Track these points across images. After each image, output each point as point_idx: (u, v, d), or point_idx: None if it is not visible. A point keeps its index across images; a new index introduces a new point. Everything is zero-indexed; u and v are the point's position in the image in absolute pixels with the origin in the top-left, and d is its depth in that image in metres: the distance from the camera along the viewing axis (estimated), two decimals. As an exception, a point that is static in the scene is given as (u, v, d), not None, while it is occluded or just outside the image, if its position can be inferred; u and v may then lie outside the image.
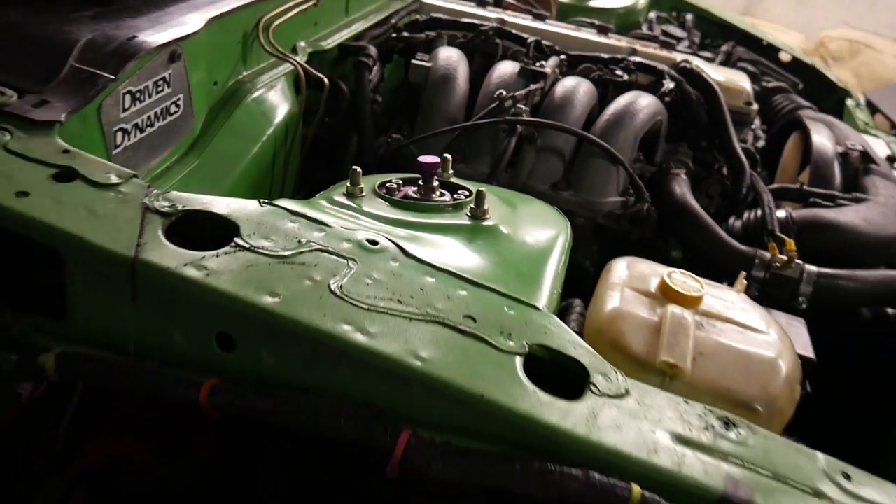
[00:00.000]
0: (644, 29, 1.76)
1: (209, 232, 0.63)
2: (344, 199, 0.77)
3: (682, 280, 0.77)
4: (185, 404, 0.57)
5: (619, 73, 1.24)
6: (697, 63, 1.31)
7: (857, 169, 1.26)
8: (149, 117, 0.83)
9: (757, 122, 1.46)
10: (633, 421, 0.57)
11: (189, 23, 0.89)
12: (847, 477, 0.61)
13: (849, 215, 1.10)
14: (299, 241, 0.63)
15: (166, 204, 0.63)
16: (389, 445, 0.54)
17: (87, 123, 0.75)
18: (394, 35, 1.29)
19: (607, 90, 1.21)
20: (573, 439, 0.54)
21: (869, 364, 1.03)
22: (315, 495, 0.73)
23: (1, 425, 0.79)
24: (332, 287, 0.59)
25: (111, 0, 0.86)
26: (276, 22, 1.05)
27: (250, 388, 0.56)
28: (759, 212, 1.10)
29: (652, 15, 1.81)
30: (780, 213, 1.09)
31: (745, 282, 0.89)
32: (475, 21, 1.32)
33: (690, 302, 0.75)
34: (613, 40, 1.38)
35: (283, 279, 0.59)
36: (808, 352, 0.89)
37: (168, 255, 0.58)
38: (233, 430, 0.72)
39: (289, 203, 0.69)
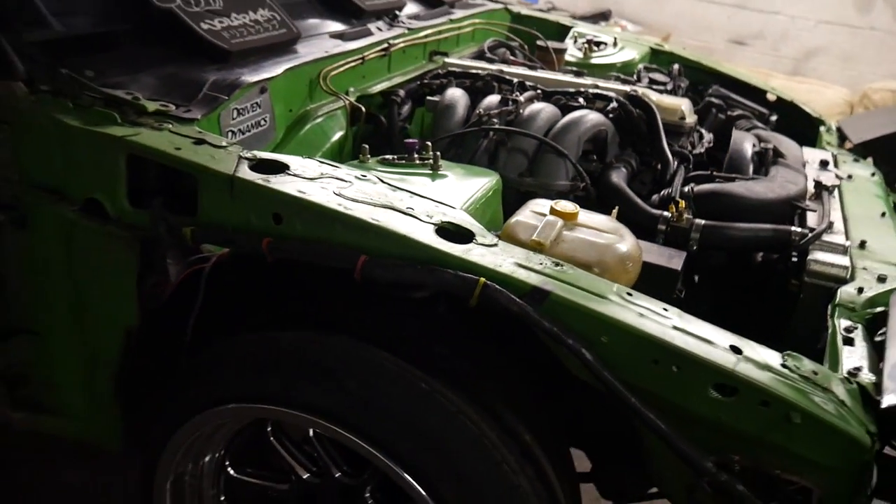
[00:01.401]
0: (635, 78, 2.21)
1: (276, 169, 1.14)
2: (356, 163, 1.28)
3: (565, 204, 1.22)
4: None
5: (580, 100, 1.71)
6: (645, 91, 1.77)
7: (766, 161, 1.67)
8: (248, 125, 1.38)
9: (709, 135, 1.88)
10: (493, 255, 1.02)
11: (273, 71, 1.45)
12: (629, 294, 1.03)
13: (735, 186, 1.51)
14: (322, 174, 1.14)
15: (249, 156, 1.15)
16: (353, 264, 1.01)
17: (212, 124, 1.29)
18: (419, 83, 1.82)
19: (568, 111, 1.68)
20: (455, 259, 1.00)
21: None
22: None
23: (158, 305, 1.30)
24: (336, 191, 1.09)
25: (227, 59, 1.43)
26: (333, 73, 1.60)
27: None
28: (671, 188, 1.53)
29: (641, 66, 2.27)
30: (685, 188, 1.52)
31: (615, 212, 1.32)
32: (479, 71, 1.83)
33: (567, 216, 1.19)
34: (584, 80, 1.86)
35: (309, 188, 1.09)
36: (675, 265, 1.31)
37: (249, 175, 1.10)
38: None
39: (320, 161, 1.21)
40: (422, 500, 1.04)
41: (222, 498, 1.30)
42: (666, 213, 1.45)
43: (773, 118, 2.22)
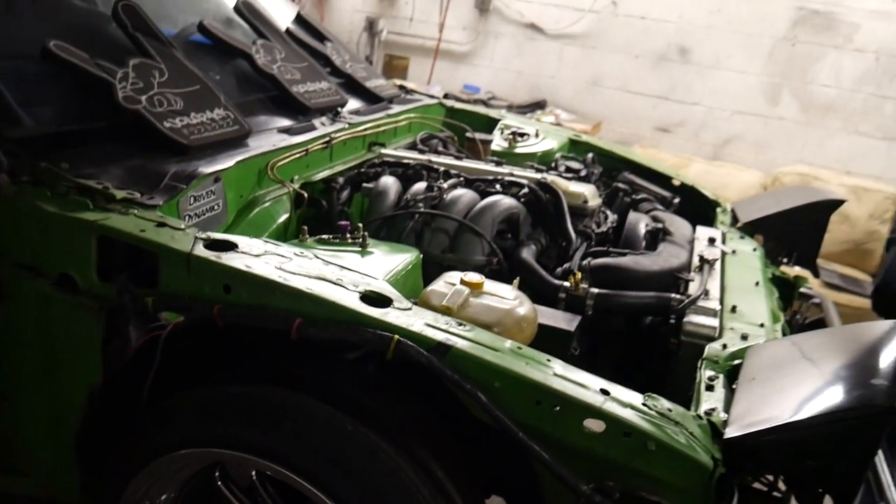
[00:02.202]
0: (553, 165, 2.49)
1: (226, 248, 1.35)
2: (296, 241, 1.49)
3: (473, 276, 1.44)
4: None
5: (497, 186, 1.97)
6: (554, 179, 2.03)
7: (657, 239, 1.93)
8: (203, 210, 1.59)
9: (613, 215, 2.15)
10: (407, 317, 1.23)
11: (226, 163, 1.67)
12: (520, 348, 1.25)
13: (625, 260, 1.77)
14: (265, 251, 1.35)
15: (204, 236, 1.36)
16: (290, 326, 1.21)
17: (171, 209, 1.50)
18: (357, 171, 2.06)
19: (486, 196, 1.93)
20: (375, 320, 1.21)
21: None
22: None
23: (119, 367, 1.47)
24: (277, 265, 1.30)
25: (186, 152, 1.65)
26: (279, 163, 1.83)
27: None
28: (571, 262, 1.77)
29: (558, 155, 2.55)
30: (584, 262, 1.77)
31: (517, 282, 1.55)
32: (410, 160, 2.09)
33: (474, 286, 1.42)
34: (502, 168, 2.12)
35: (254, 263, 1.30)
36: (569, 327, 1.54)
37: (203, 253, 1.30)
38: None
39: (265, 240, 1.42)
40: (348, 529, 1.22)
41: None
42: (566, 284, 1.68)
43: (676, 201, 2.51)
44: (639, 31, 4.84)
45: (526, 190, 1.93)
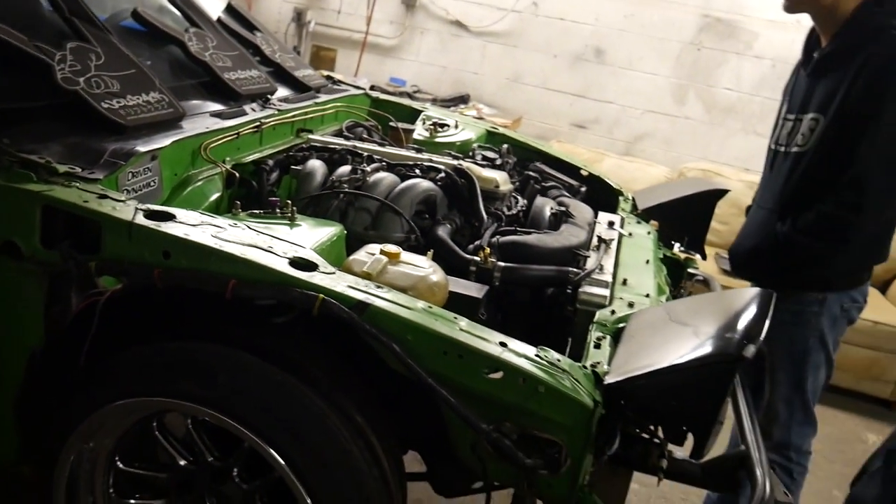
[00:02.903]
0: (470, 154, 2.67)
1: (165, 218, 1.47)
2: (230, 215, 1.63)
3: (391, 247, 1.61)
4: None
5: (416, 171, 2.14)
6: (469, 165, 2.22)
7: (560, 220, 2.14)
8: (140, 185, 1.70)
9: (523, 200, 2.35)
10: (331, 280, 1.39)
11: (163, 142, 1.79)
12: (430, 307, 1.42)
13: (529, 238, 1.97)
14: (202, 222, 1.48)
15: (144, 207, 1.48)
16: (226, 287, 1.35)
17: (111, 184, 1.61)
18: (286, 155, 2.20)
19: (406, 179, 2.09)
20: (303, 282, 1.36)
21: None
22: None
23: (60, 331, 1.57)
24: (213, 234, 1.43)
25: (124, 132, 1.76)
26: (212, 145, 1.95)
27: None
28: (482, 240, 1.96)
29: (475, 145, 2.74)
30: (493, 240, 1.96)
31: (431, 253, 1.73)
32: (336, 146, 2.24)
33: (392, 255, 1.58)
34: (421, 155, 2.29)
35: (192, 231, 1.43)
36: (477, 294, 1.72)
37: (144, 221, 1.43)
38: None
39: (201, 212, 1.55)
40: (278, 466, 1.38)
41: (111, 490, 1.57)
42: (476, 258, 1.87)
43: (583, 189, 2.73)
44: (558, 32, 5.08)
45: (443, 174, 2.11)
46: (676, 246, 2.62)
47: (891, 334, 3.98)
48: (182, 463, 1.52)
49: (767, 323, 1.51)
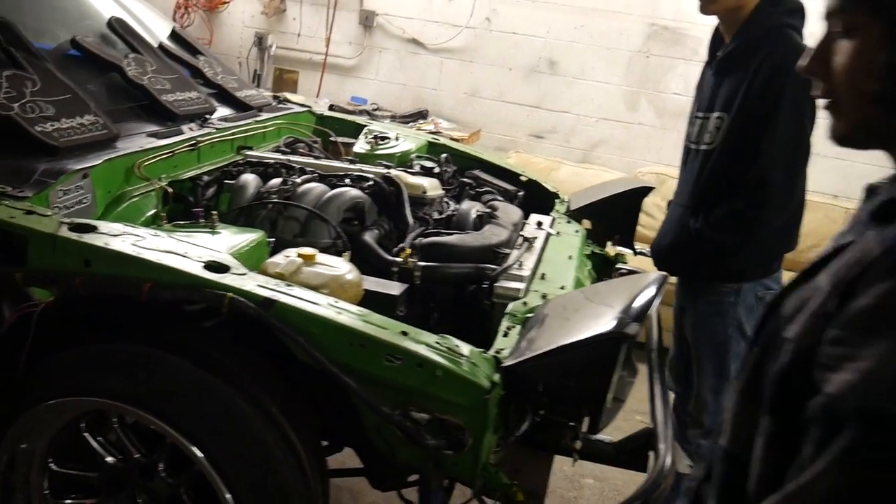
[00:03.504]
0: (410, 164, 2.78)
1: (88, 230, 1.57)
2: (156, 226, 1.73)
3: (307, 250, 1.72)
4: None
5: (346, 181, 2.25)
6: (398, 174, 2.33)
7: (485, 222, 2.26)
8: (72, 202, 1.80)
9: (454, 204, 2.46)
10: (241, 280, 1.49)
11: (95, 161, 1.89)
12: (336, 302, 1.53)
13: (450, 238, 2.07)
14: (123, 232, 1.58)
15: (69, 221, 1.59)
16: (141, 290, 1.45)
17: (42, 201, 1.71)
18: (222, 171, 2.31)
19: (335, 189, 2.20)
20: (213, 282, 1.46)
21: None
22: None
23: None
24: (132, 243, 1.53)
25: (56, 153, 1.86)
26: (146, 163, 2.06)
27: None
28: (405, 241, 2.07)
29: (413, 155, 2.86)
30: (416, 241, 2.06)
31: (347, 255, 1.84)
32: (271, 160, 2.35)
33: (307, 257, 1.69)
34: (352, 166, 2.40)
35: (112, 241, 1.53)
36: (394, 292, 1.82)
37: (66, 233, 1.53)
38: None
39: (124, 224, 1.65)
40: (196, 459, 1.47)
41: (46, 492, 1.65)
42: (398, 259, 1.98)
43: (521, 194, 2.84)
44: (511, 46, 5.23)
45: (371, 183, 2.22)
46: (609, 243, 2.74)
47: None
48: (110, 461, 1.60)
49: (657, 302, 1.62)
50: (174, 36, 2.87)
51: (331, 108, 4.81)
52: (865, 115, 0.90)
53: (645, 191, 2.64)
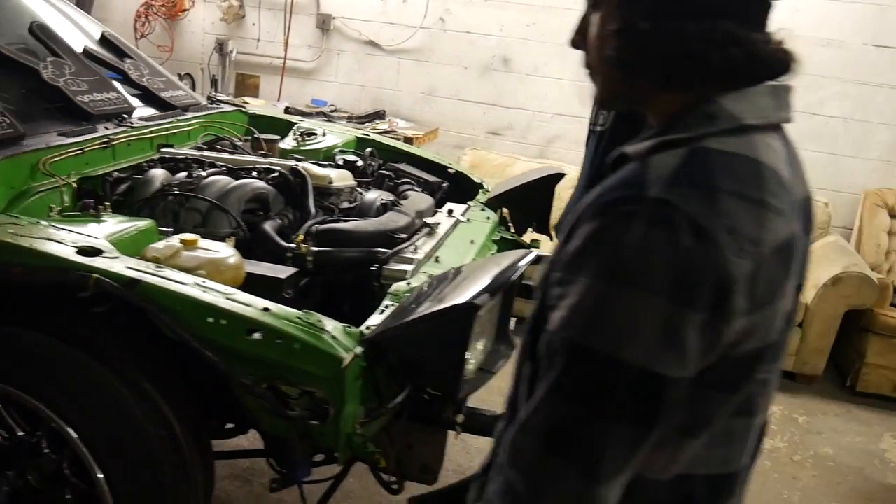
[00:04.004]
0: (334, 158, 2.86)
1: None
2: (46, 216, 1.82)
3: (189, 235, 1.79)
4: None
5: (253, 173, 2.33)
6: (305, 166, 2.41)
7: (388, 209, 2.34)
8: (-30, 198, 1.89)
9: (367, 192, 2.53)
10: (111, 263, 1.57)
11: (-6, 158, 1.97)
12: (204, 282, 1.60)
13: (345, 225, 2.15)
14: (3, 223, 1.66)
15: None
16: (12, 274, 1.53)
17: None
18: (133, 167, 2.39)
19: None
20: (82, 265, 1.54)
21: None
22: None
23: None
24: (11, 231, 1.61)
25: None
26: (53, 160, 2.13)
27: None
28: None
29: (338, 150, 2.94)
30: (312, 228, 2.14)
31: (233, 239, 1.91)
32: (185, 156, 2.43)
33: (188, 242, 1.77)
34: (261, 159, 2.48)
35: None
36: (280, 275, 1.90)
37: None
38: None
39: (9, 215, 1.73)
40: (70, 439, 1.55)
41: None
42: (292, 245, 2.05)
43: (445, 185, 2.92)
44: (466, 45, 5.31)
45: (276, 174, 2.30)
46: (530, 230, 2.81)
47: (785, 309, 4.15)
48: (-3, 439, 1.69)
49: (516, 275, 1.70)
50: (104, 40, 2.95)
51: (286, 110, 4.89)
52: (611, 78, 0.97)
53: (557, 177, 2.72)
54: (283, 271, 1.91)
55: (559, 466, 0.82)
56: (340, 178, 2.43)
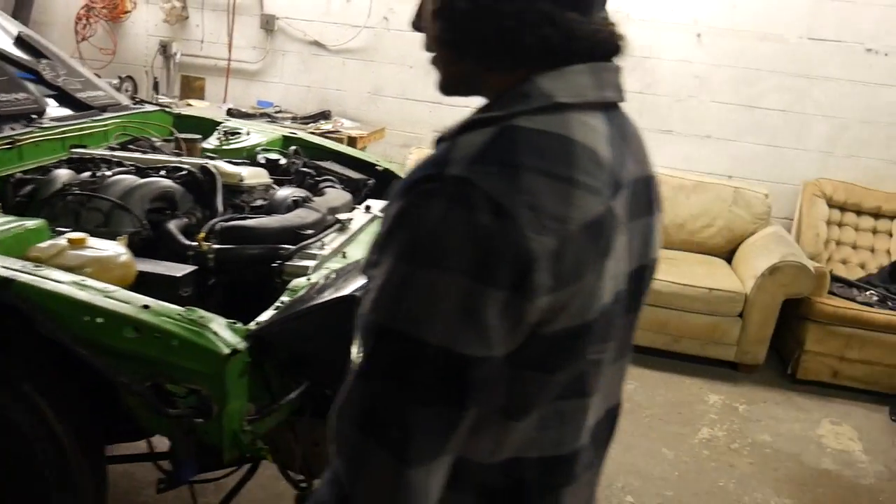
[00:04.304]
0: (256, 157, 2.84)
1: None
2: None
3: (77, 234, 1.76)
4: None
5: (162, 172, 2.30)
6: (216, 164, 2.38)
7: (299, 206, 2.32)
8: None
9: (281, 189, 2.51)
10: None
11: None
12: (84, 280, 1.57)
13: (249, 222, 2.13)
14: None
15: None
16: None
17: None
18: (39, 168, 2.35)
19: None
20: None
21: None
22: None
23: None
24: None
25: None
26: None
27: None
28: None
29: (259, 148, 2.91)
30: (217, 226, 2.12)
31: (125, 238, 1.89)
32: (95, 156, 2.39)
33: (75, 241, 1.74)
34: (171, 158, 2.45)
35: None
36: (175, 273, 1.87)
37: None
38: None
39: None
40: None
41: None
42: (193, 244, 2.03)
43: (370, 182, 2.91)
44: (409, 44, 5.29)
45: (184, 172, 2.27)
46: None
47: (725, 299, 4.20)
48: None
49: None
50: (20, 41, 2.91)
51: (229, 112, 4.85)
52: (443, 61, 0.97)
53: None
54: (179, 269, 1.89)
55: (372, 449, 0.81)
56: (253, 176, 2.41)
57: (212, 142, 2.94)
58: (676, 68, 4.93)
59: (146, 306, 1.54)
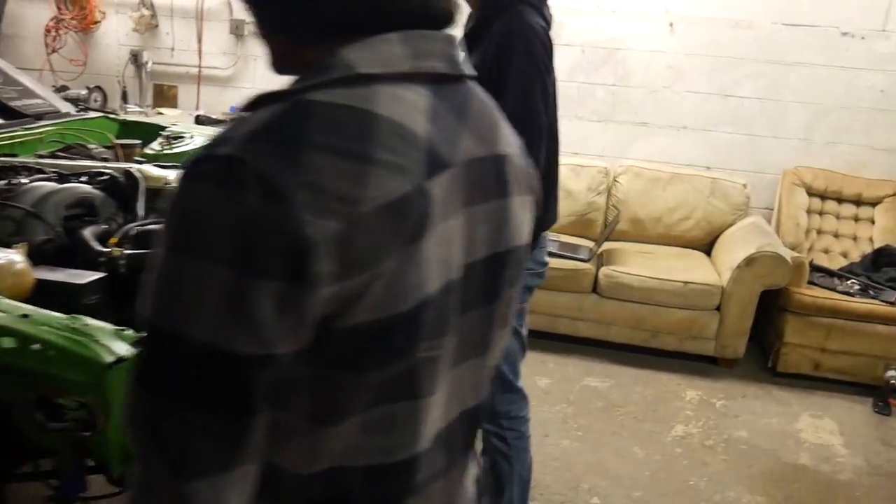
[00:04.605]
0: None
1: None
2: None
3: (-22, 245, 1.70)
4: None
5: (83, 178, 2.24)
6: (141, 168, 2.32)
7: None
8: None
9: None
10: None
11: None
12: None
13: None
14: None
15: None
16: None
17: None
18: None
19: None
20: None
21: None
22: None
23: None
24: None
25: None
26: None
27: None
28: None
29: (200, 152, 2.85)
30: (132, 231, 2.05)
31: (25, 246, 1.82)
32: (15, 164, 2.33)
33: (-33, 251, 1.67)
34: (95, 164, 2.39)
35: None
36: (78, 281, 1.80)
37: None
38: None
39: None
40: None
41: None
42: (105, 250, 1.96)
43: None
44: (380, 44, 5.24)
45: (106, 178, 2.21)
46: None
47: (702, 292, 4.11)
48: None
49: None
50: (-44, 51, 2.86)
51: (198, 119, 4.79)
52: (263, 38, 0.90)
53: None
54: (83, 277, 1.82)
55: (152, 462, 0.74)
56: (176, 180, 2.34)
57: (154, 147, 2.88)
58: (649, 59, 4.84)
59: (25, 315, 1.47)
